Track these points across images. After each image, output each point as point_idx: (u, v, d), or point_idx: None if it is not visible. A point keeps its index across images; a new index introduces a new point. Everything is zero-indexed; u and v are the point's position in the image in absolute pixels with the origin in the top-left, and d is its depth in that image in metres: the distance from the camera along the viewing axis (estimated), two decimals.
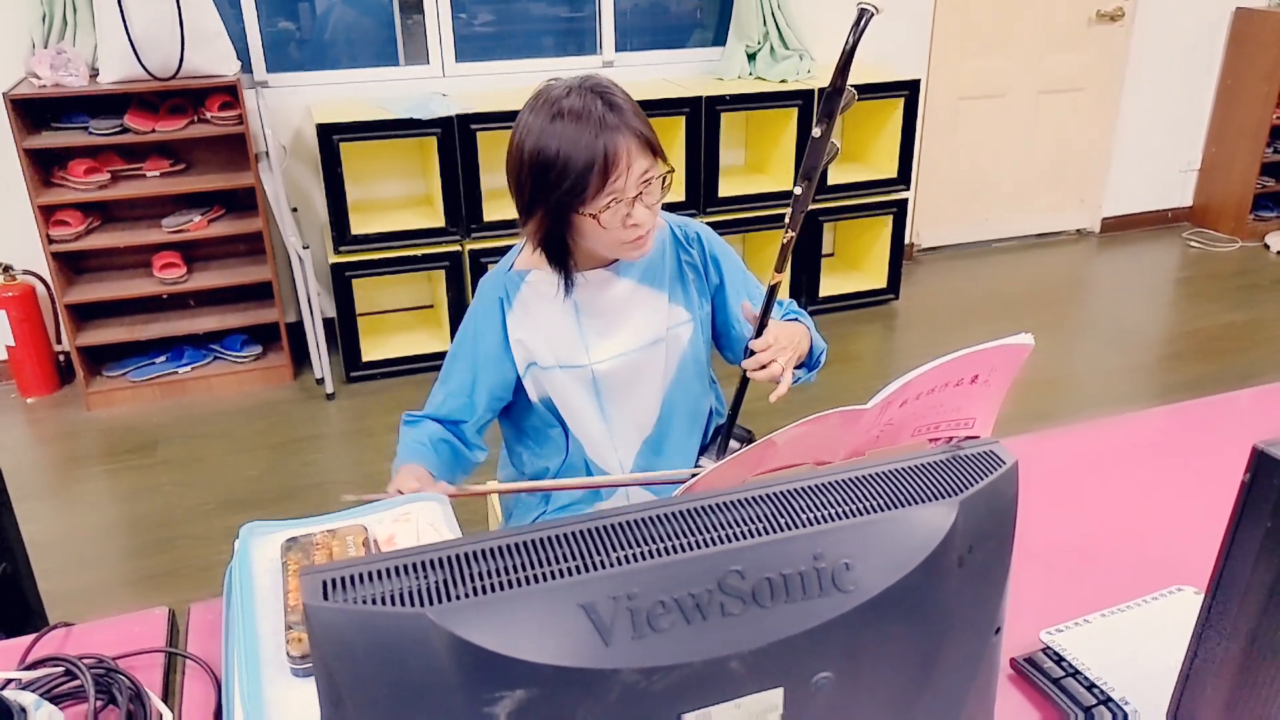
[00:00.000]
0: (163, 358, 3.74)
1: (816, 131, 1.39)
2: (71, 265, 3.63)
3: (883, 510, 0.60)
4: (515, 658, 0.53)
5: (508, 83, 3.83)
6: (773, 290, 1.54)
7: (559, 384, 1.64)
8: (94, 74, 3.41)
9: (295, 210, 3.81)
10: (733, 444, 1.78)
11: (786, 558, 0.58)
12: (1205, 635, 0.79)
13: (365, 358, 3.74)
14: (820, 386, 1.79)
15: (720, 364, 1.78)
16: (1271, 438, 0.72)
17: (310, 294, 3.55)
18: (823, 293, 4.30)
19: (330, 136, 3.42)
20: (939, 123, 4.75)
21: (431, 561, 0.55)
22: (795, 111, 3.93)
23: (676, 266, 1.68)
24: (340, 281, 3.61)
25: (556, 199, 1.44)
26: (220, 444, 3.40)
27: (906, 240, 4.60)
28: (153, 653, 1.17)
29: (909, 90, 4.08)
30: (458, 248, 3.66)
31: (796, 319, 1.73)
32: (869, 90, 4.08)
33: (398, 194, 3.98)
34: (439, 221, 3.65)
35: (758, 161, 4.33)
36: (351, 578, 0.54)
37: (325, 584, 0.54)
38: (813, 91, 3.94)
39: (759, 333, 1.54)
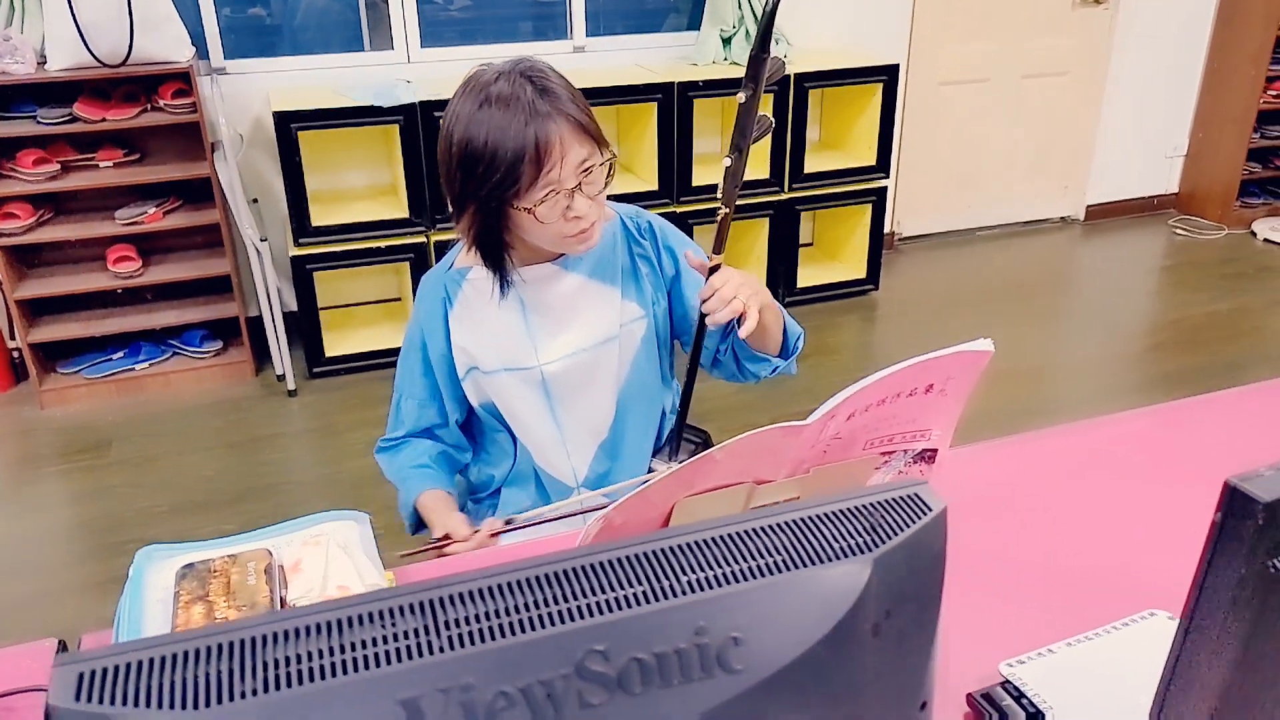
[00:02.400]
0: (120, 354, 3.62)
1: (741, 97, 1.29)
2: (22, 259, 3.51)
3: (779, 571, 0.50)
4: None
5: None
6: (713, 272, 1.44)
7: (505, 388, 1.54)
8: (42, 61, 3.28)
9: (255, 201, 3.70)
10: (685, 446, 1.69)
11: (661, 633, 0.48)
12: (1171, 689, 0.69)
13: (328, 353, 3.63)
14: (798, 379, 1.70)
15: (681, 361, 1.68)
16: (1248, 471, 0.62)
17: (270, 288, 3.44)
18: (800, 283, 4.20)
19: (288, 125, 3.30)
20: (920, 108, 4.65)
21: (214, 648, 0.45)
22: (770, 99, 3.81)
23: (629, 260, 1.58)
24: (301, 275, 3.49)
25: (487, 193, 1.34)
26: (176, 443, 3.29)
27: (886, 229, 4.50)
28: (34, 691, 1.07)
29: (887, 75, 3.97)
30: (423, 239, 3.55)
31: None
32: (846, 75, 3.98)
33: (360, 184, 3.86)
34: (403, 212, 3.54)
35: None
36: (115, 670, 0.44)
37: (82, 678, 0.44)
38: (789, 77, 3.83)
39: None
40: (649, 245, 1.60)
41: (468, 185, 1.35)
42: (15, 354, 3.63)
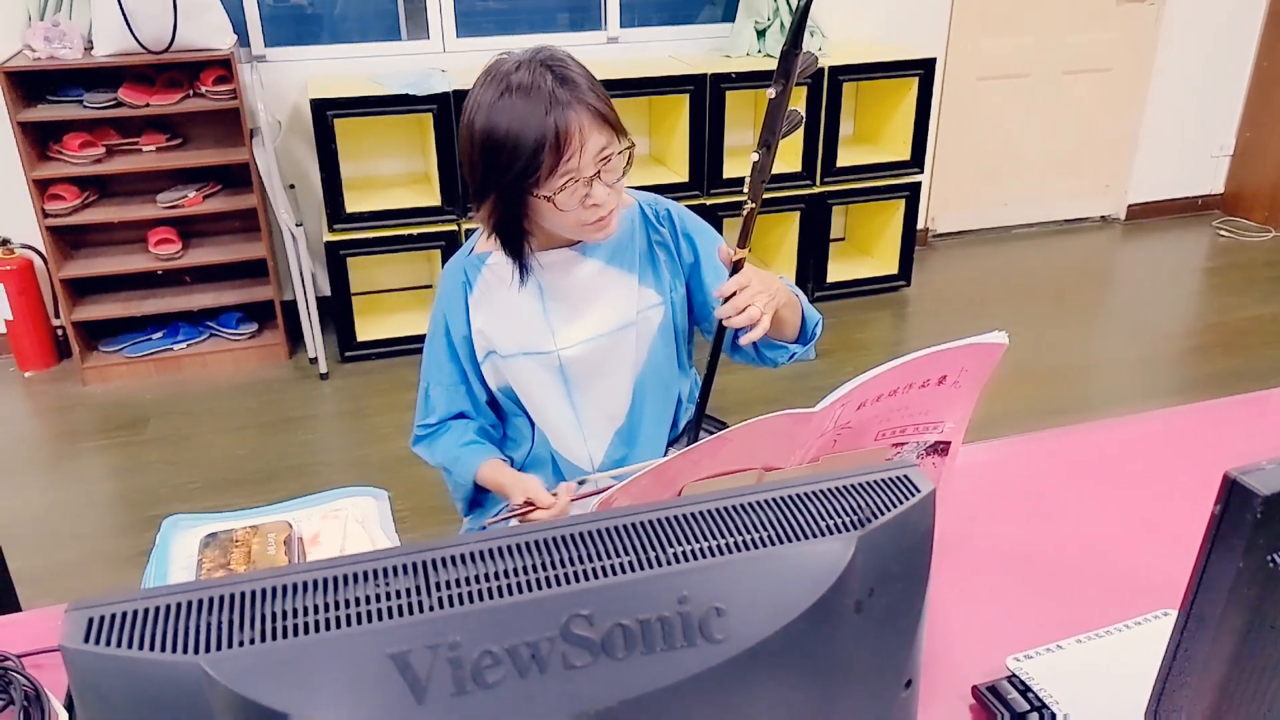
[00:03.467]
0: (159, 334, 3.70)
1: (771, 93, 1.29)
2: (68, 240, 3.59)
3: (763, 546, 0.51)
4: (304, 718, 0.45)
5: None
6: (737, 267, 1.44)
7: (523, 372, 1.56)
8: (89, 47, 3.35)
9: (292, 187, 3.74)
10: (704, 435, 1.70)
11: (645, 600, 0.50)
12: (1170, 681, 0.69)
13: (360, 337, 3.68)
14: (825, 375, 1.71)
15: (700, 349, 1.70)
16: (1248, 464, 0.62)
17: (303, 272, 3.49)
18: (831, 278, 4.19)
19: (324, 112, 3.35)
20: (957, 103, 4.61)
21: (216, 599, 0.47)
22: (804, 91, 3.81)
23: (647, 246, 1.59)
24: (335, 260, 3.54)
25: (509, 181, 1.36)
26: (211, 422, 3.36)
27: (920, 225, 4.48)
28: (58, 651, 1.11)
29: (923, 69, 3.95)
30: (454, 227, 3.58)
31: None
32: (881, 69, 3.96)
33: (394, 171, 3.90)
34: (435, 200, 3.57)
35: None
36: (123, 615, 0.47)
37: (91, 622, 0.46)
38: (823, 70, 3.82)
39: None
40: (667, 232, 1.61)
41: (489, 173, 1.37)
42: (59, 332, 3.71)
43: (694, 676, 0.50)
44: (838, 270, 4.24)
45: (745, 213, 1.45)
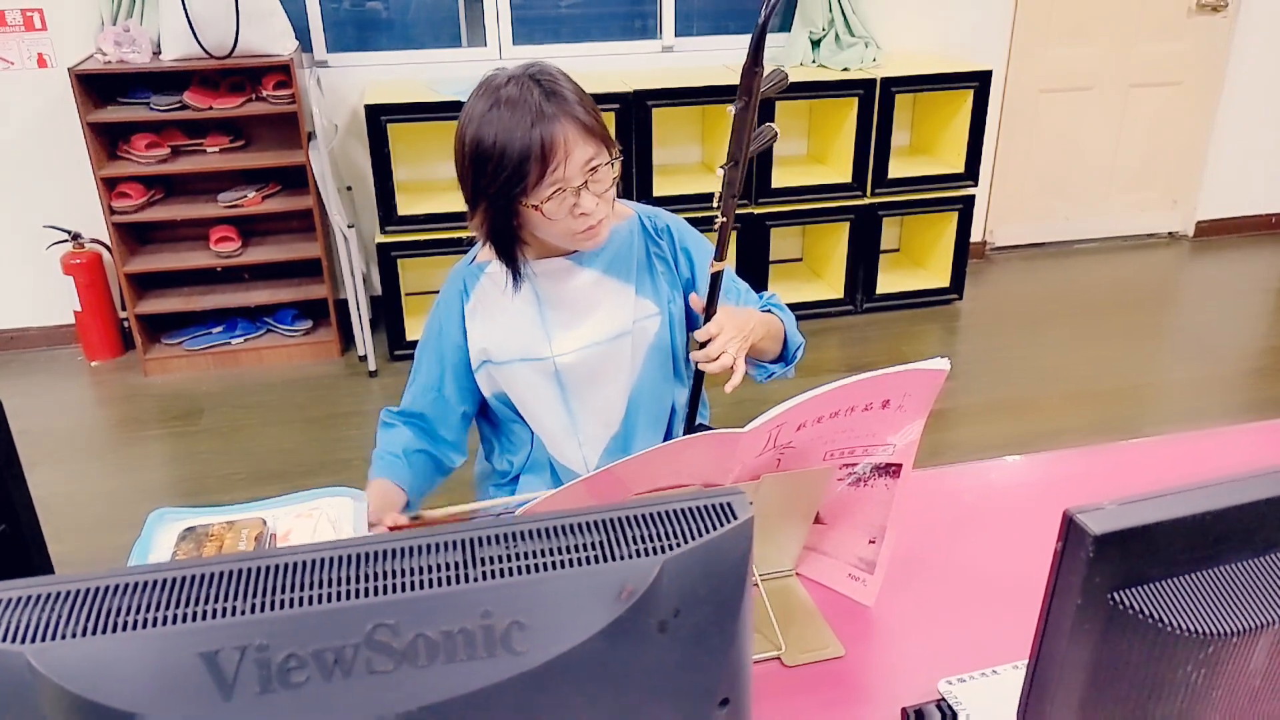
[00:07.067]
0: (218, 328, 3.85)
1: (732, 110, 1.33)
2: (134, 236, 3.76)
3: (567, 566, 0.54)
4: (116, 708, 0.50)
5: (565, 66, 3.77)
6: (715, 279, 1.47)
7: (519, 378, 1.61)
8: (157, 52, 3.51)
9: (349, 189, 3.87)
10: None
11: (449, 613, 0.53)
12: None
13: (409, 336, 3.78)
14: None
15: None
16: (1088, 503, 0.63)
17: (355, 272, 3.60)
18: (881, 289, 4.16)
19: (378, 117, 3.45)
20: (1019, 116, 4.53)
21: (50, 595, 0.52)
22: (855, 101, 3.79)
23: (645, 258, 1.63)
24: (386, 261, 3.64)
25: (497, 190, 1.41)
26: (262, 415, 3.48)
27: (975, 238, 4.41)
28: None
29: (979, 81, 3.89)
30: None
31: (770, 310, 1.65)
32: (935, 81, 3.92)
33: (447, 176, 3.97)
34: None
35: (820, 152, 4.20)
36: None
37: None
38: (875, 81, 3.80)
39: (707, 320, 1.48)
40: (666, 245, 1.64)
41: (479, 183, 1.42)
42: (124, 324, 3.89)
43: (495, 685, 0.54)
44: (888, 281, 4.20)
45: (718, 226, 1.48)
